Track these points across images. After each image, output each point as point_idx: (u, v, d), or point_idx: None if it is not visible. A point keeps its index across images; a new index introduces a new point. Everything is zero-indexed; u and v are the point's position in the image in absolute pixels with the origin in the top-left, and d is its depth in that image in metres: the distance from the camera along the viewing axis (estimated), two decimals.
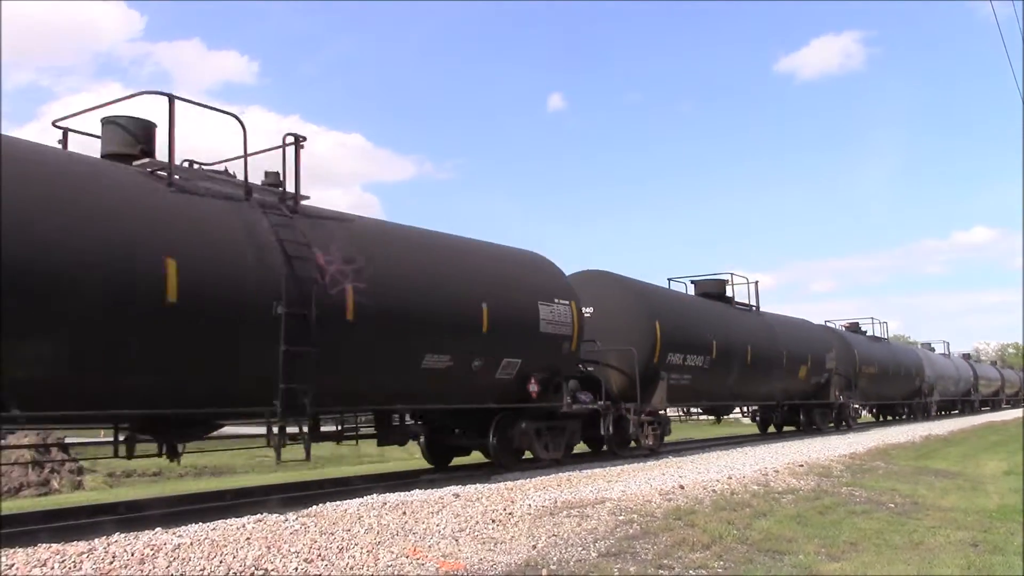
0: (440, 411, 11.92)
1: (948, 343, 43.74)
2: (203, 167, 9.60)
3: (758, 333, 19.99)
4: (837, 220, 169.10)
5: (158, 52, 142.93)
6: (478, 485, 10.19)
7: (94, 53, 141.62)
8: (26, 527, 7.86)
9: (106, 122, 9.22)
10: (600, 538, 7.09)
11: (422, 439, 13.16)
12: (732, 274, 20.64)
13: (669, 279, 19.18)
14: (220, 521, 7.22)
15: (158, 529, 6.72)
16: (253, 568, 5.69)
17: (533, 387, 12.38)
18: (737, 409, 22.29)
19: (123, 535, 6.42)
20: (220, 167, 9.77)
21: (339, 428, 10.66)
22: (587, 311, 14.54)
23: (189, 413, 8.43)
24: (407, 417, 11.49)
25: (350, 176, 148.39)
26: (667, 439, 16.56)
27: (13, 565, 5.45)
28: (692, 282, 20.14)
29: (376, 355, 9.81)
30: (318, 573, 5.72)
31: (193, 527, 6.91)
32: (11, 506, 11.93)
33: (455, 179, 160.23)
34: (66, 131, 9.02)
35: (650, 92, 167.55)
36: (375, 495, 8.99)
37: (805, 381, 22.55)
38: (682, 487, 9.99)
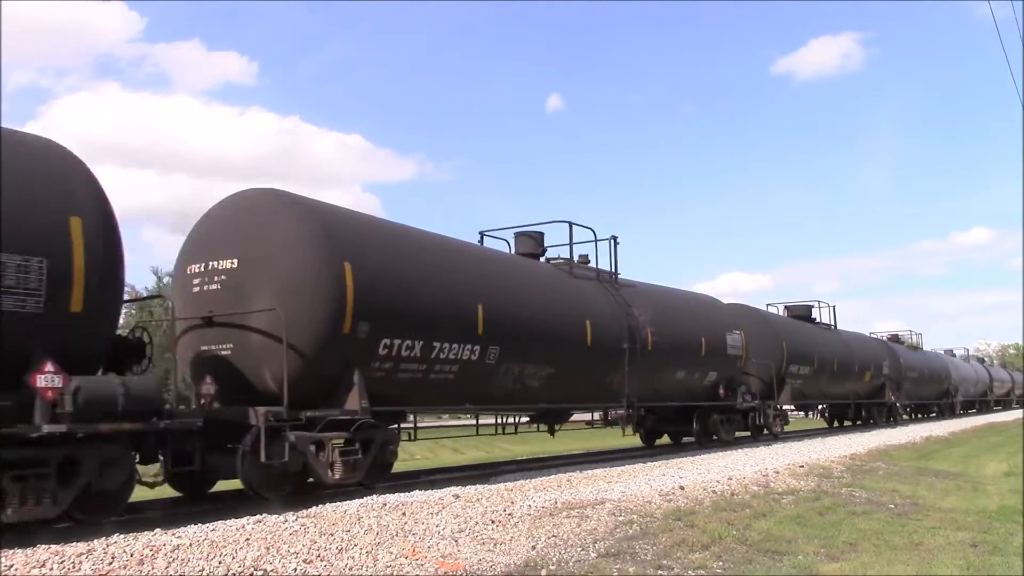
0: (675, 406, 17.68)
1: (967, 349, 49.96)
2: (571, 262, 15.37)
3: (838, 347, 26.33)
4: (836, 220, 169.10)
5: (157, 53, 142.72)
6: (478, 486, 10.19)
7: (93, 54, 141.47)
8: (25, 528, 7.85)
9: (519, 235, 15.16)
10: (600, 539, 7.09)
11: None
12: (818, 301, 27.51)
13: (767, 304, 25.62)
14: (219, 522, 7.22)
15: (157, 530, 6.72)
16: (252, 569, 5.69)
17: (721, 391, 18.37)
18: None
19: (122, 536, 6.43)
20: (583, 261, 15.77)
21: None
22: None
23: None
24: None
25: (351, 176, 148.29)
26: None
27: (12, 566, 5.45)
28: (785, 307, 26.63)
29: (661, 372, 16.23)
30: (317, 574, 5.72)
31: (192, 528, 6.91)
32: None
33: (455, 179, 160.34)
34: (482, 234, 15.10)
35: (649, 93, 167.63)
36: (375, 496, 9.00)
37: (869, 384, 28.75)
38: (682, 488, 9.99)
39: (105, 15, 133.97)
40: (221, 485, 10.05)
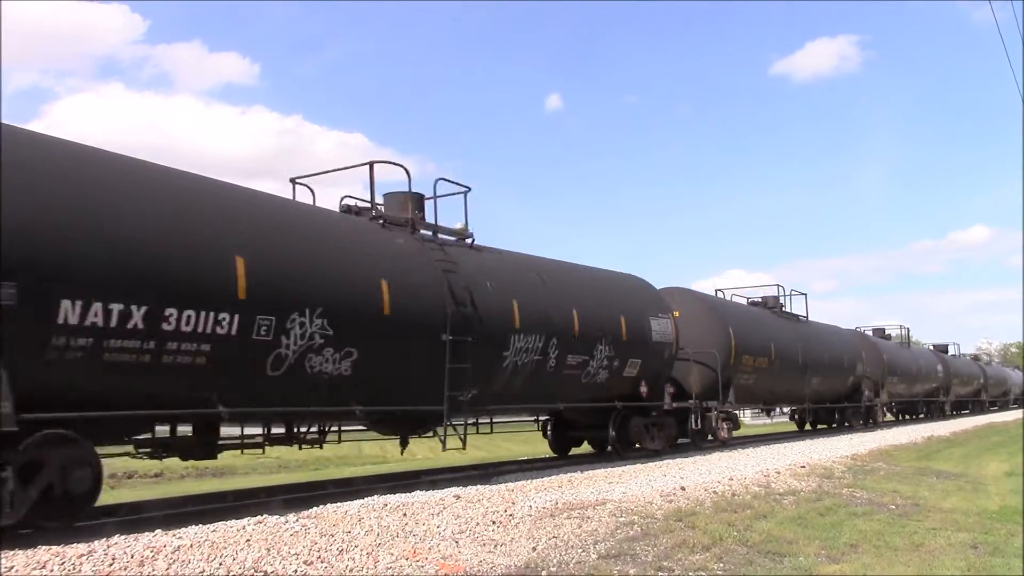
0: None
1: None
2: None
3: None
4: (835, 220, 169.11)
5: (159, 54, 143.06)
6: (479, 487, 10.19)
7: (95, 55, 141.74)
8: (25, 529, 7.86)
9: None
10: (600, 540, 7.08)
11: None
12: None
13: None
14: (220, 523, 7.21)
15: (158, 531, 6.72)
16: (253, 570, 5.69)
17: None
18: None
19: (123, 537, 6.43)
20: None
21: None
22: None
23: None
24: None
25: (352, 175, 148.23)
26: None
27: (12, 568, 5.45)
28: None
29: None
30: (318, 575, 5.72)
31: (193, 529, 6.91)
32: None
33: (455, 179, 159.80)
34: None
35: (647, 94, 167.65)
36: (375, 497, 8.99)
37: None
38: (683, 489, 9.98)
39: (107, 17, 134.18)
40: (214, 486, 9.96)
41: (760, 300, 23.44)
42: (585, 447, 16.85)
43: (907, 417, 36.70)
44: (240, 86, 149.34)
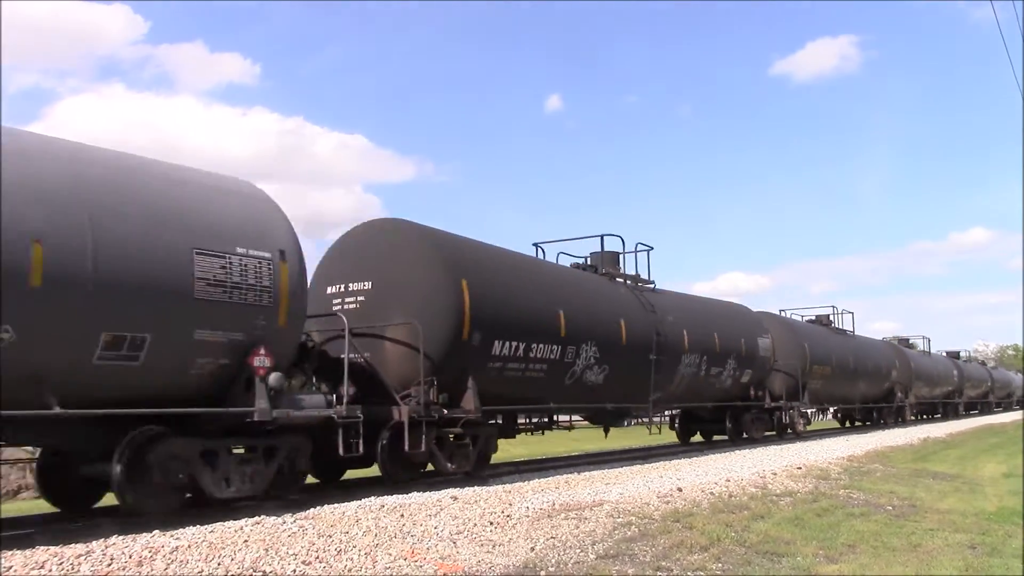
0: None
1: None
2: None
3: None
4: (834, 221, 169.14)
5: (160, 54, 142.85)
6: (476, 487, 10.18)
7: (97, 55, 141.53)
8: (24, 529, 7.84)
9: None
10: (598, 540, 7.09)
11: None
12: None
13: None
14: (218, 523, 7.21)
15: (156, 531, 6.71)
16: (251, 570, 5.69)
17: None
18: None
19: (121, 537, 6.42)
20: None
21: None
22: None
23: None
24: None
25: (352, 176, 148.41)
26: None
27: (11, 568, 5.45)
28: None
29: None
30: (316, 575, 5.72)
31: (191, 529, 6.90)
32: (10, 508, 11.90)
33: (456, 180, 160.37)
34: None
35: (647, 94, 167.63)
36: (373, 498, 8.98)
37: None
38: (680, 490, 9.99)
39: (108, 17, 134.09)
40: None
41: (815, 318, 27.96)
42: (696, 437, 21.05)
43: (927, 417, 39.48)
44: (241, 87, 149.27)
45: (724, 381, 18.39)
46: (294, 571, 5.74)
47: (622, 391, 14.69)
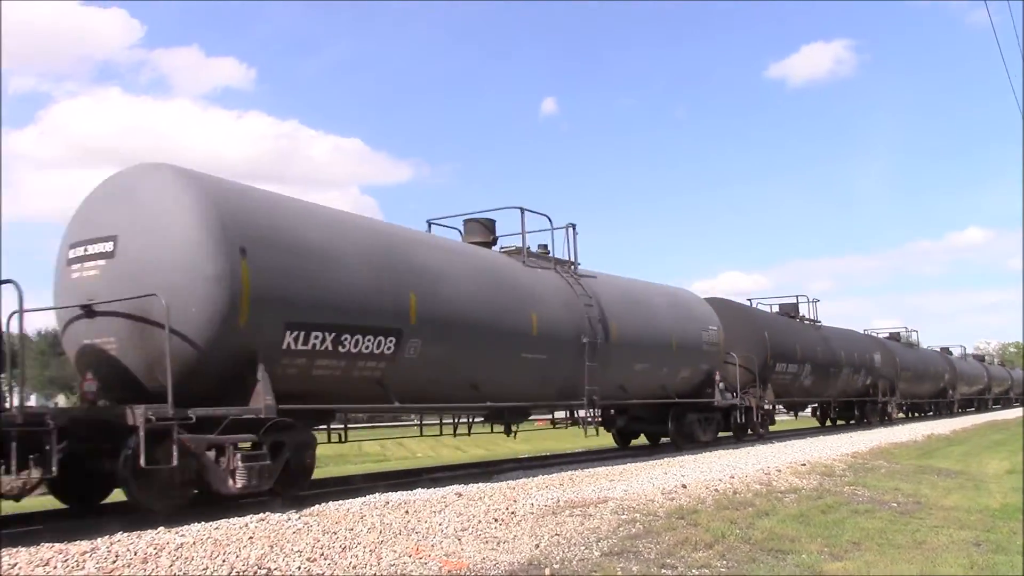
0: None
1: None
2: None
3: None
4: (832, 221, 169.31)
5: (156, 58, 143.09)
6: (480, 484, 10.18)
7: (94, 59, 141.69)
8: (29, 526, 7.85)
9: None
10: (603, 537, 7.08)
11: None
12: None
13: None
14: (223, 520, 7.21)
15: (161, 528, 6.71)
16: (256, 567, 5.68)
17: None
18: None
19: (126, 534, 6.42)
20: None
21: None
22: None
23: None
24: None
25: (348, 179, 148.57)
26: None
27: (16, 564, 5.45)
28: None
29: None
30: (321, 572, 5.71)
31: (196, 526, 6.90)
32: (13, 505, 11.90)
33: (451, 182, 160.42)
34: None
35: (643, 97, 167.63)
36: (378, 494, 8.99)
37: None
38: (684, 486, 9.98)
39: (105, 21, 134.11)
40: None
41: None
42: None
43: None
44: (237, 90, 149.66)
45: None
46: (299, 568, 5.74)
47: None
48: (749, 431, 19.95)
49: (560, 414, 15.99)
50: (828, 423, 29.58)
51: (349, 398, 9.84)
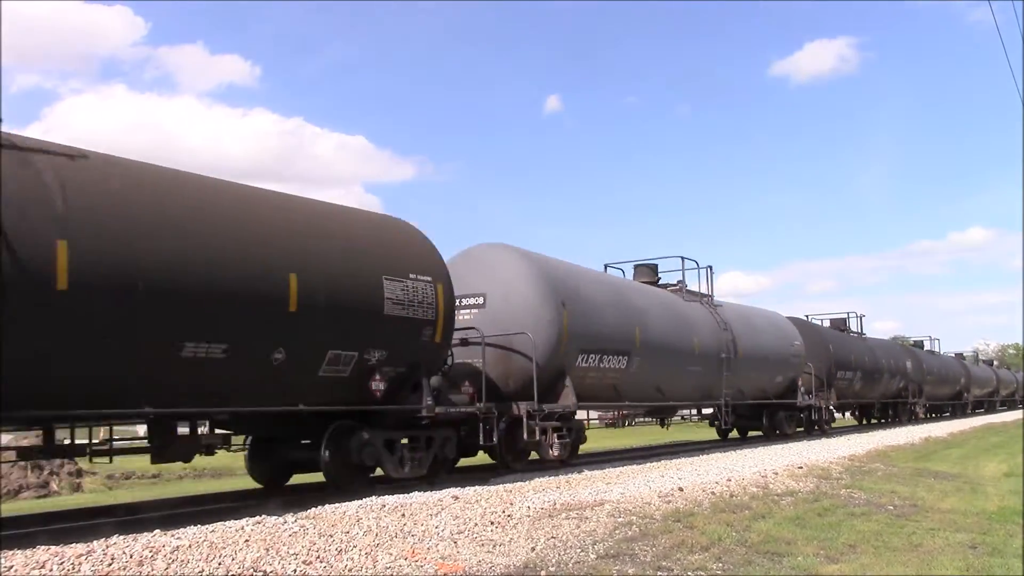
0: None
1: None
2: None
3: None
4: (834, 221, 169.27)
5: (161, 56, 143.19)
6: (477, 487, 10.19)
7: (98, 57, 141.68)
8: (25, 529, 7.85)
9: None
10: (599, 540, 7.09)
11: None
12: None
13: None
14: (219, 523, 7.21)
15: (157, 531, 6.71)
16: (252, 570, 5.69)
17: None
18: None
19: (122, 537, 6.42)
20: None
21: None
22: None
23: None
24: None
25: (352, 176, 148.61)
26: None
27: (12, 567, 5.45)
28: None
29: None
30: (317, 575, 5.72)
31: (192, 529, 6.91)
32: (10, 508, 11.91)
33: (455, 180, 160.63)
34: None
35: (647, 95, 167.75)
36: (374, 497, 8.99)
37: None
38: (681, 489, 9.98)
39: (109, 19, 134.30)
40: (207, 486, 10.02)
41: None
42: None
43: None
44: (242, 88, 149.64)
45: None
46: (295, 571, 5.74)
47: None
48: (816, 427, 23.74)
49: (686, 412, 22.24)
50: (865, 422, 32.77)
51: (599, 399, 14.88)
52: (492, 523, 7.52)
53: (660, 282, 18.67)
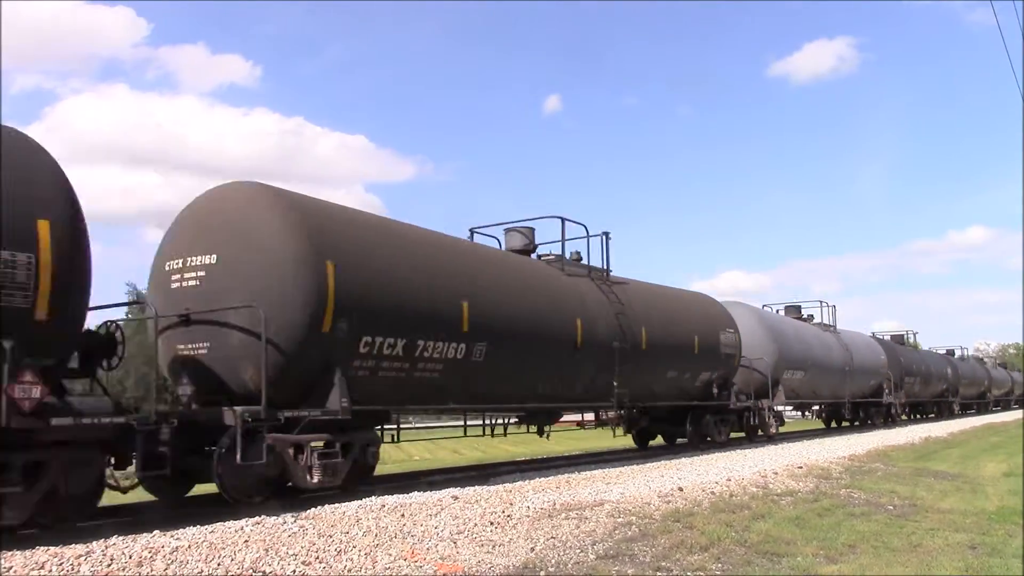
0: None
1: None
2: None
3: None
4: (834, 220, 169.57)
5: (162, 56, 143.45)
6: (476, 487, 10.18)
7: (100, 57, 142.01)
8: (25, 530, 7.84)
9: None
10: (598, 540, 7.09)
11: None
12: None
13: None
14: (218, 524, 7.21)
15: (156, 532, 6.71)
16: (251, 570, 5.69)
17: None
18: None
19: (121, 538, 6.42)
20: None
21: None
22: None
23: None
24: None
25: (353, 176, 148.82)
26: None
27: (11, 568, 5.44)
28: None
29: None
30: (316, 575, 5.72)
31: (191, 530, 6.90)
32: None
33: (455, 180, 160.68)
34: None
35: (646, 95, 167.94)
36: (373, 498, 8.98)
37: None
38: (681, 489, 9.98)
39: (111, 19, 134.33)
40: (199, 489, 9.73)
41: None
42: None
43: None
44: (243, 88, 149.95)
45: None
46: (294, 571, 5.74)
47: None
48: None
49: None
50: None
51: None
52: (492, 523, 7.52)
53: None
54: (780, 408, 21.87)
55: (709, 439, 18.02)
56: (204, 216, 9.55)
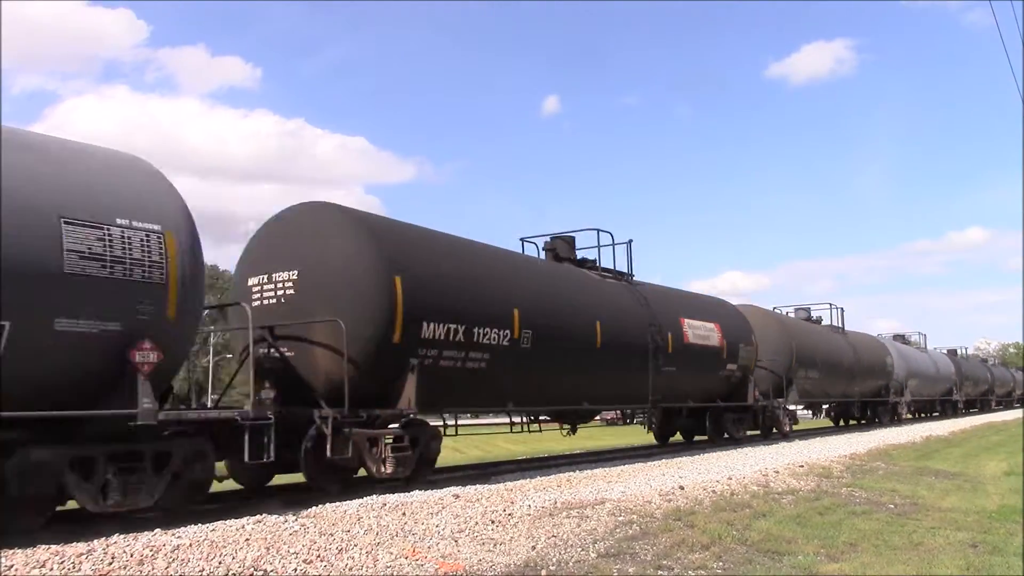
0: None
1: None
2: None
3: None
4: (833, 221, 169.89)
5: (162, 57, 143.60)
6: (478, 486, 10.18)
7: (100, 58, 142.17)
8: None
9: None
10: (599, 539, 7.09)
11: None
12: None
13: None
14: (219, 522, 7.21)
15: (157, 530, 6.71)
16: (252, 569, 5.68)
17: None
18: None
19: (122, 536, 6.42)
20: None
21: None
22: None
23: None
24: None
25: (352, 177, 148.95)
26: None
27: (12, 566, 5.45)
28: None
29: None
30: (317, 574, 5.72)
31: (192, 528, 6.90)
32: None
33: (454, 181, 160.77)
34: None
35: (645, 96, 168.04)
36: (374, 496, 8.98)
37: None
38: (682, 488, 9.98)
39: (111, 21, 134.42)
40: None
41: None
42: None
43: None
44: (243, 89, 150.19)
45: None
46: (295, 570, 5.74)
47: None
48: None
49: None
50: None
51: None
52: (493, 522, 7.51)
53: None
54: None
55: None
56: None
